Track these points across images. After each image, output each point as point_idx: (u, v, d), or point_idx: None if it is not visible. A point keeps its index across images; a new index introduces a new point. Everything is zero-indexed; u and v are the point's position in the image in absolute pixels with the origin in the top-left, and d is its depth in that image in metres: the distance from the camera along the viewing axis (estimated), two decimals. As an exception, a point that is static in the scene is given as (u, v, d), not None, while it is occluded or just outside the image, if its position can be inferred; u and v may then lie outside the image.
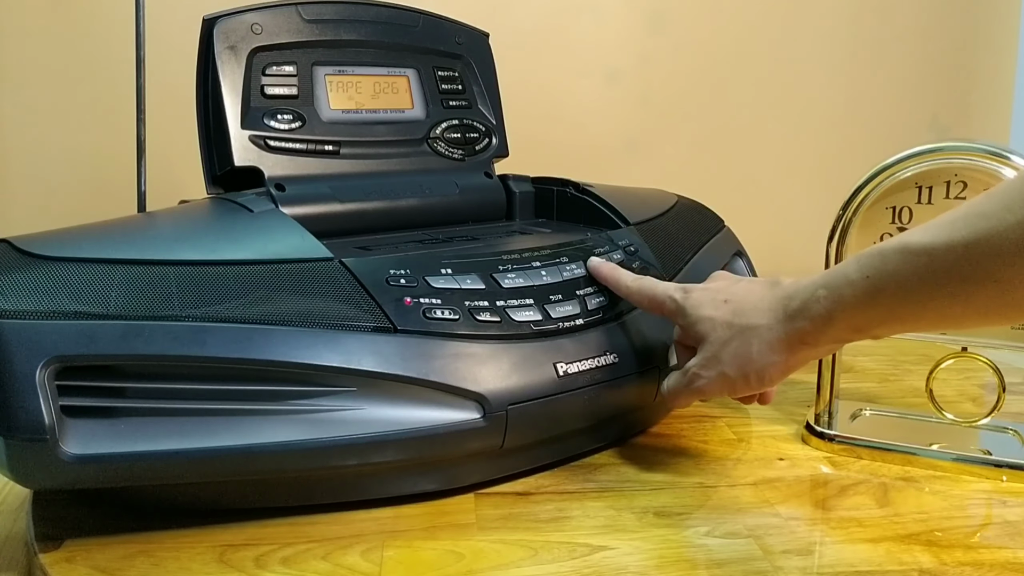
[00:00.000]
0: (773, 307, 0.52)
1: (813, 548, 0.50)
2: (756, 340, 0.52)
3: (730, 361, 0.53)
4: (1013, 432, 0.64)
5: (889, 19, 1.15)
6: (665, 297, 0.57)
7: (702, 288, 0.57)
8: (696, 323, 0.55)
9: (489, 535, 0.51)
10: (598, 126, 1.09)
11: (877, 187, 0.62)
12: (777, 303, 0.52)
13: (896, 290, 0.46)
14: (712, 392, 0.55)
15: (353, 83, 0.71)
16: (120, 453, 0.46)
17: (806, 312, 0.50)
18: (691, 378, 0.55)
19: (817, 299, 0.49)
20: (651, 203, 0.77)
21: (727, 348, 0.53)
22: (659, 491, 0.57)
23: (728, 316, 0.53)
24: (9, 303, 0.46)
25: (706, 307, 0.55)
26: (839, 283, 0.48)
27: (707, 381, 0.54)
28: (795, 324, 0.50)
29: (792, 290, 0.51)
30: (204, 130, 0.66)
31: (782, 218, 1.11)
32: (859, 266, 0.48)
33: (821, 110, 1.14)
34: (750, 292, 0.54)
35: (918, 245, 0.45)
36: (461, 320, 0.54)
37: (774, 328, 0.51)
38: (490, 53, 0.80)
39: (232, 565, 0.48)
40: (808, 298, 0.50)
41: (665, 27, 1.09)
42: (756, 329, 0.52)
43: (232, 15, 0.65)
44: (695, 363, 0.55)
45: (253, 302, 0.50)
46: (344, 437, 0.49)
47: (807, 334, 0.50)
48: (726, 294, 0.55)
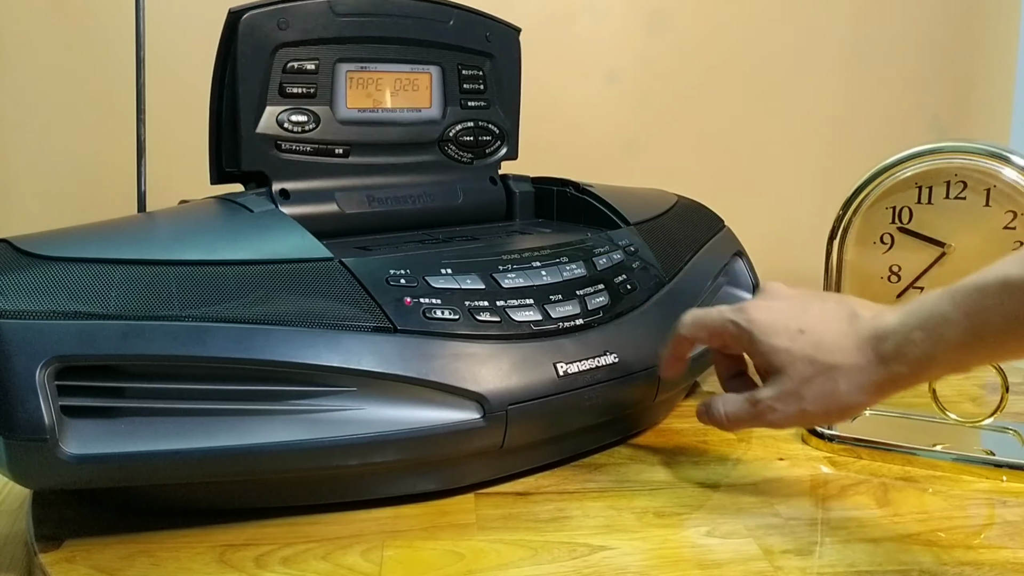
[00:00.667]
0: (860, 346, 0.48)
1: (813, 548, 0.50)
2: (844, 381, 0.48)
3: (814, 399, 0.49)
4: (1013, 432, 0.64)
5: (889, 19, 1.14)
6: (725, 322, 0.54)
7: (765, 308, 0.53)
8: (770, 354, 0.51)
9: (489, 535, 0.51)
10: (598, 126, 1.09)
11: (877, 187, 0.62)
12: (865, 343, 0.48)
13: (1003, 326, 0.43)
14: (785, 425, 0.52)
15: (373, 80, 0.69)
16: (120, 453, 0.46)
17: (903, 357, 0.46)
18: (764, 411, 0.51)
19: (913, 341, 0.46)
20: (651, 203, 0.77)
21: (810, 386, 0.49)
22: (659, 491, 0.57)
23: (809, 350, 0.49)
24: (9, 303, 0.46)
25: (779, 336, 0.51)
26: (936, 323, 0.45)
27: (784, 416, 0.51)
28: (891, 368, 0.47)
29: (881, 329, 0.48)
30: (215, 125, 0.64)
31: (782, 218, 1.11)
32: (955, 304, 0.44)
33: (821, 110, 1.14)
34: (826, 322, 0.50)
35: (1020, 279, 0.42)
36: (461, 320, 0.54)
37: (865, 370, 0.48)
38: (518, 50, 0.77)
39: (232, 565, 0.48)
40: (903, 341, 0.46)
41: (665, 27, 1.09)
42: (844, 370, 0.48)
43: (260, 8, 0.63)
44: (769, 396, 0.51)
45: (253, 302, 0.50)
46: (344, 437, 0.49)
47: (903, 377, 0.47)
48: (799, 322, 0.51)
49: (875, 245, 0.64)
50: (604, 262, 0.64)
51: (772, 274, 0.56)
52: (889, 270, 0.64)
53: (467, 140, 0.74)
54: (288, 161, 0.65)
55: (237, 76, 0.62)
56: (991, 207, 0.60)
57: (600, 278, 0.63)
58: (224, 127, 0.64)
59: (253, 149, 0.63)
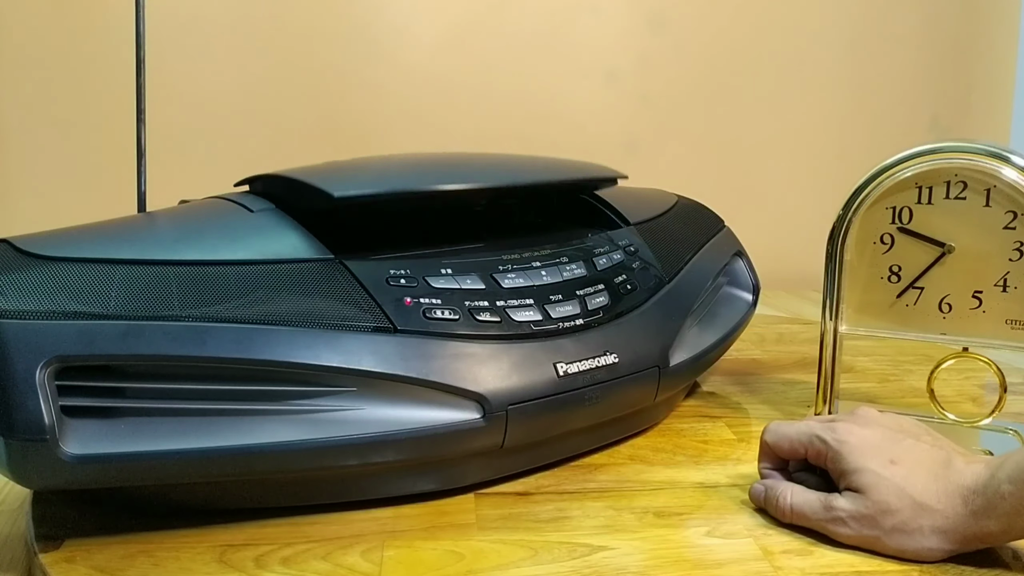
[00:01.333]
0: (951, 494, 0.47)
1: (813, 548, 0.50)
2: (929, 524, 0.47)
3: (892, 533, 0.48)
4: (1013, 432, 0.64)
5: (889, 19, 1.15)
6: (811, 438, 0.53)
7: (857, 432, 0.52)
8: (858, 472, 0.50)
9: (489, 535, 0.51)
10: (598, 126, 1.09)
11: (877, 187, 0.62)
12: (956, 492, 0.47)
13: None
14: (852, 543, 0.50)
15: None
16: (120, 453, 0.46)
17: (992, 511, 0.46)
18: (835, 520, 0.50)
19: (1002, 495, 0.45)
20: (651, 203, 0.77)
21: (893, 518, 0.48)
22: (659, 491, 0.57)
23: (899, 482, 0.48)
24: (9, 303, 0.46)
25: (870, 459, 0.50)
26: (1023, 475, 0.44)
27: (855, 535, 0.49)
28: (980, 523, 0.46)
29: (972, 482, 0.47)
30: None
31: (782, 218, 1.11)
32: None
33: (821, 110, 1.14)
34: (921, 462, 0.49)
35: None
36: (461, 320, 0.54)
37: (951, 519, 0.47)
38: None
39: (232, 565, 0.48)
40: (993, 495, 0.46)
41: (665, 27, 1.09)
42: (931, 512, 0.47)
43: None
44: (848, 509, 0.49)
45: (253, 302, 0.50)
46: (344, 437, 0.49)
47: (990, 534, 0.46)
48: (892, 453, 0.50)
49: (875, 245, 0.64)
50: (604, 262, 0.64)
51: (772, 274, 0.56)
52: (889, 270, 0.64)
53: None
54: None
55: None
56: (991, 207, 0.60)
57: (600, 278, 0.62)
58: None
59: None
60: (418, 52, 1.05)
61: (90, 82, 0.94)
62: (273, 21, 0.99)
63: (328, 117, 1.04)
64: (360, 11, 1.02)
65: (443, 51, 1.04)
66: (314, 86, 1.03)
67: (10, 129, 0.94)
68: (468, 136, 1.05)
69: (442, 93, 1.05)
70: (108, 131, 0.92)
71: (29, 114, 0.94)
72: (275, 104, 1.01)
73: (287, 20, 1.00)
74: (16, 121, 0.94)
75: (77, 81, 0.94)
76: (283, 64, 1.00)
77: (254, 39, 0.98)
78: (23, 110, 0.94)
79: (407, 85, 1.05)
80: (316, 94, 1.03)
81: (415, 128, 1.06)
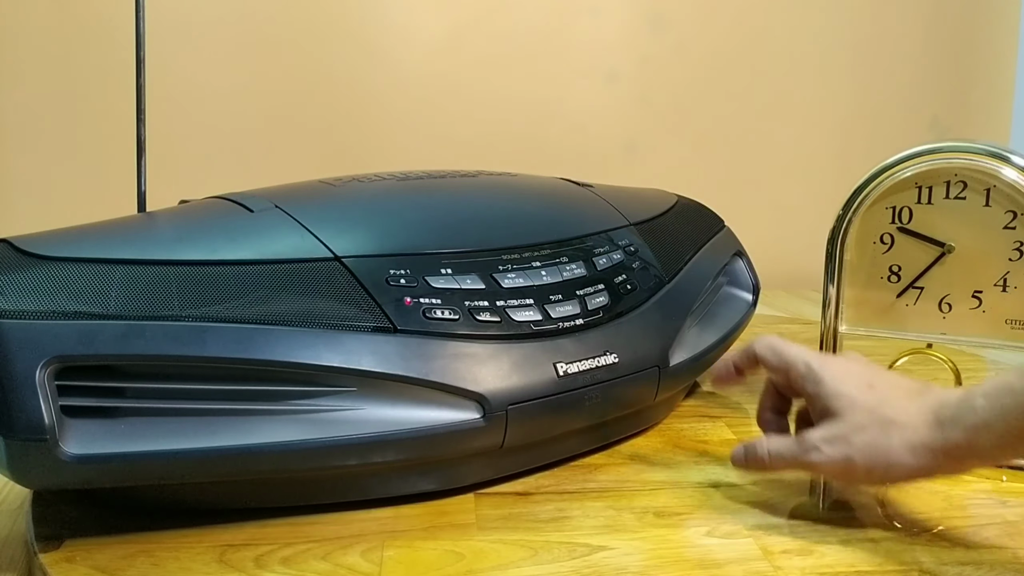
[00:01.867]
0: (923, 411, 0.49)
1: (814, 548, 0.50)
2: (898, 437, 0.48)
3: (862, 448, 0.49)
4: (1013, 432, 0.64)
5: (889, 20, 1.15)
6: (799, 359, 0.54)
7: (841, 362, 0.54)
8: (834, 396, 0.51)
9: (489, 535, 0.51)
10: (598, 126, 1.09)
11: (877, 187, 0.62)
12: (927, 408, 0.49)
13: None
14: (828, 471, 0.51)
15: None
16: (120, 453, 0.46)
17: (960, 421, 0.46)
18: (809, 449, 0.51)
19: (974, 408, 0.46)
20: (651, 203, 0.77)
21: (862, 434, 0.49)
22: (659, 491, 0.57)
23: (872, 403, 0.50)
24: (9, 303, 0.46)
25: (848, 384, 0.51)
26: (1000, 392, 0.45)
27: (827, 459, 0.50)
28: (945, 433, 0.47)
29: (945, 397, 0.48)
30: None
31: (782, 218, 1.11)
32: (1020, 374, 0.45)
33: (821, 110, 1.14)
34: (898, 386, 0.51)
35: None
36: (461, 320, 0.54)
37: (920, 431, 0.48)
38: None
39: (232, 565, 0.48)
40: (964, 407, 0.47)
41: (665, 27, 1.09)
42: (901, 426, 0.48)
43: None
44: (819, 436, 0.51)
45: (253, 302, 0.50)
46: (344, 437, 0.49)
47: (956, 446, 0.47)
48: (871, 379, 0.52)
49: (875, 245, 0.64)
50: (604, 262, 0.64)
51: (772, 274, 0.56)
52: (889, 270, 0.64)
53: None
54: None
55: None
56: (991, 207, 0.60)
57: (600, 278, 0.62)
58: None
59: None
60: (418, 52, 1.05)
61: (90, 82, 0.94)
62: (273, 22, 0.99)
63: (328, 116, 1.04)
64: (360, 11, 1.02)
65: (443, 51, 1.04)
66: (314, 86, 1.03)
67: (10, 129, 0.94)
68: (468, 136, 1.05)
69: (442, 93, 1.05)
70: (108, 131, 0.92)
71: (29, 114, 0.94)
72: (275, 104, 1.01)
73: (287, 20, 1.00)
74: (16, 121, 0.94)
75: (77, 81, 0.94)
76: (283, 64, 1.00)
77: (254, 39, 0.99)
78: (23, 110, 0.94)
79: (407, 85, 1.05)
80: (316, 94, 1.03)
81: (415, 128, 1.06)
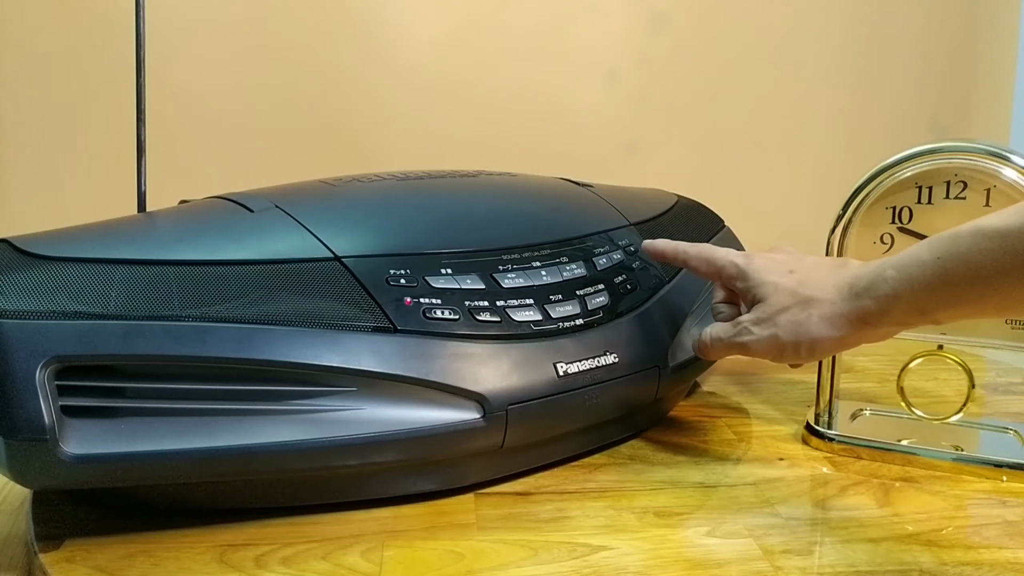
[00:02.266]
0: (839, 285, 0.53)
1: (813, 548, 0.50)
2: (816, 312, 0.53)
3: (786, 325, 0.54)
4: (1013, 432, 0.64)
5: (889, 19, 1.14)
6: (726, 262, 0.59)
7: (766, 256, 0.59)
8: (759, 286, 0.56)
9: (489, 535, 0.51)
10: (598, 126, 1.09)
11: (877, 187, 0.62)
12: (843, 282, 0.53)
13: (966, 271, 0.47)
14: (757, 350, 0.56)
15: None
16: (120, 453, 0.46)
17: (872, 291, 0.51)
18: (741, 331, 0.56)
19: (885, 279, 0.50)
20: (651, 203, 0.77)
21: (785, 313, 0.54)
22: (659, 491, 0.57)
23: (793, 285, 0.55)
24: (9, 303, 0.46)
25: (771, 273, 0.56)
26: (909, 263, 0.49)
27: (756, 338, 0.55)
28: (859, 302, 0.52)
29: (860, 271, 0.53)
30: None
31: (782, 218, 1.11)
32: (930, 248, 0.48)
33: (821, 110, 1.14)
34: (817, 268, 0.56)
35: (992, 228, 0.46)
36: (461, 320, 0.54)
37: (837, 304, 0.52)
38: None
39: (232, 565, 0.48)
40: (875, 278, 0.51)
41: (665, 27, 1.09)
42: (819, 302, 0.53)
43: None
44: (748, 319, 0.56)
45: (253, 302, 0.50)
46: (344, 437, 0.49)
47: (870, 313, 0.51)
48: (792, 265, 0.56)
49: (875, 245, 0.64)
50: (604, 262, 0.64)
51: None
52: (889, 270, 0.64)
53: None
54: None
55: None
56: (991, 207, 0.60)
57: (600, 278, 0.62)
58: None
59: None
60: (417, 52, 1.05)
61: (90, 82, 0.93)
62: (273, 21, 0.99)
63: (328, 116, 1.04)
64: (360, 11, 1.02)
65: (443, 51, 1.04)
66: (314, 86, 1.03)
67: (10, 129, 0.94)
68: (468, 136, 1.05)
69: (442, 92, 1.05)
70: (108, 131, 0.92)
71: (29, 114, 0.94)
72: (275, 104, 1.01)
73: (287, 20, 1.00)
74: (16, 121, 0.94)
75: (77, 81, 0.94)
76: (283, 64, 1.00)
77: (254, 39, 0.98)
78: (23, 110, 0.94)
79: (406, 85, 1.05)
80: (316, 94, 1.03)
81: (415, 128, 1.06)
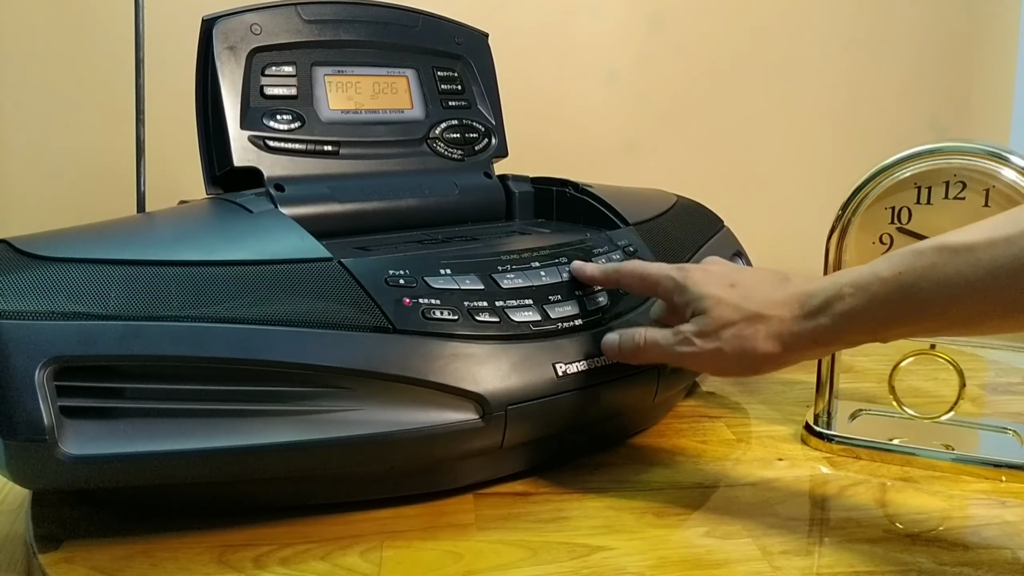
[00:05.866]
0: (788, 302, 0.51)
1: (813, 548, 0.50)
2: (764, 329, 0.51)
3: (730, 340, 0.52)
4: (1013, 432, 0.64)
5: (889, 19, 1.14)
6: (661, 276, 0.56)
7: (700, 269, 0.57)
8: (699, 299, 0.54)
9: (488, 535, 0.51)
10: (598, 126, 1.09)
11: (877, 187, 0.62)
12: (792, 299, 0.51)
13: (928, 285, 0.45)
14: (698, 363, 0.54)
15: (352, 83, 0.71)
16: (119, 453, 0.46)
17: (828, 310, 0.49)
18: (682, 341, 0.54)
19: (842, 296, 0.48)
20: (651, 203, 0.77)
21: (730, 328, 0.52)
22: (658, 491, 0.57)
23: (736, 299, 0.52)
24: (9, 303, 0.46)
25: (711, 286, 0.54)
26: (868, 280, 0.47)
27: (697, 351, 0.53)
28: (815, 321, 0.49)
29: (811, 288, 0.51)
30: (203, 130, 0.66)
31: (782, 218, 1.11)
32: (890, 264, 0.47)
33: (821, 110, 1.14)
34: (759, 282, 0.54)
35: (958, 243, 0.44)
36: (460, 320, 0.54)
37: (787, 321, 0.50)
38: (490, 53, 0.80)
39: (231, 565, 0.48)
40: (832, 296, 0.49)
41: (665, 27, 1.09)
42: (767, 319, 0.51)
43: (231, 15, 0.65)
44: (690, 330, 0.53)
45: (252, 302, 0.50)
46: (344, 437, 0.49)
47: (824, 331, 0.49)
48: (731, 278, 0.54)
49: (875, 245, 0.64)
50: (604, 262, 0.64)
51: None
52: (889, 270, 0.64)
53: (454, 137, 0.76)
54: (278, 156, 0.66)
55: (218, 80, 0.64)
56: (991, 207, 0.60)
57: (600, 278, 0.62)
58: (212, 132, 0.65)
59: (242, 145, 0.65)
60: (418, 52, 1.05)
61: (90, 82, 0.93)
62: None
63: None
64: (360, 11, 1.02)
65: (443, 51, 1.04)
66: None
67: (10, 129, 0.94)
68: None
69: (442, 93, 1.05)
70: (107, 131, 0.92)
71: (29, 114, 0.94)
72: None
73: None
74: (16, 121, 0.94)
75: (77, 81, 0.94)
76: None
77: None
78: (23, 110, 0.94)
79: (407, 85, 1.05)
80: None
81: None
